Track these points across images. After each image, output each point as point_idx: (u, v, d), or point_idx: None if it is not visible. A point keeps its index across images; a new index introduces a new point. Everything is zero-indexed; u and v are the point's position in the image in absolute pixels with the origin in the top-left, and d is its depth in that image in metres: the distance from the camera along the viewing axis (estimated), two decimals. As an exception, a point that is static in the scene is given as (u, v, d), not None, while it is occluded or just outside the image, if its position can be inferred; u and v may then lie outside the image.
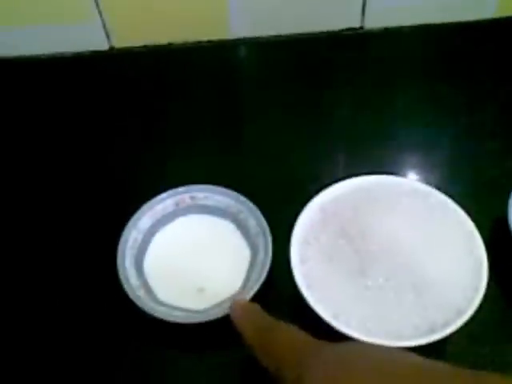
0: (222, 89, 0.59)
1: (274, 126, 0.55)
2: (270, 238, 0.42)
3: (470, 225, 0.38)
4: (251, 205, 0.44)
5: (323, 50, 0.62)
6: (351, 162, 0.53)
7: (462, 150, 0.53)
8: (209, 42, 0.63)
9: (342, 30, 0.63)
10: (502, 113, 0.55)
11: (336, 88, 0.59)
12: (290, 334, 0.30)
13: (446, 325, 0.33)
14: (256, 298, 0.39)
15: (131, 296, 0.40)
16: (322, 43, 0.63)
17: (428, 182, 0.46)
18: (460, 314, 0.34)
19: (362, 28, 0.63)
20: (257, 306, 0.34)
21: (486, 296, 0.34)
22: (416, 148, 0.53)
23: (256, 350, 0.31)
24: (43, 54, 0.62)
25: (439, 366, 0.25)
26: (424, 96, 0.58)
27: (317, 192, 0.40)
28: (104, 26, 0.60)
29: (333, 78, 0.60)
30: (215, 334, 0.40)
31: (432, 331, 0.33)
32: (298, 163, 0.52)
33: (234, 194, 0.45)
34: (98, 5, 0.58)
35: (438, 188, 0.40)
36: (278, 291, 0.42)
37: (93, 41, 0.62)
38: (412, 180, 0.47)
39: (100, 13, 0.59)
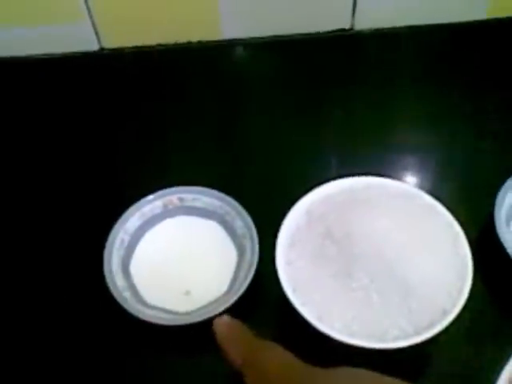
0: (212, 90, 0.59)
1: (264, 128, 0.55)
2: (256, 240, 0.42)
3: (457, 226, 0.38)
4: (238, 206, 0.44)
5: (313, 52, 0.62)
6: (342, 164, 0.53)
7: (452, 152, 0.53)
8: (199, 42, 0.63)
9: (333, 31, 0.63)
10: (492, 115, 0.55)
11: (326, 89, 0.58)
12: (280, 360, 0.29)
13: (431, 326, 0.33)
14: (242, 300, 0.39)
15: (117, 298, 0.40)
16: (312, 44, 0.63)
17: (416, 184, 0.46)
18: (445, 314, 0.34)
19: (352, 29, 0.63)
20: (239, 324, 0.32)
21: (471, 296, 0.34)
22: (405, 150, 0.53)
23: (245, 378, 0.29)
24: (33, 55, 0.62)
25: None
26: (414, 97, 0.57)
27: (305, 193, 0.40)
28: (94, 26, 0.60)
29: (323, 79, 0.60)
30: (202, 337, 0.39)
31: (417, 333, 0.33)
32: (287, 165, 0.52)
33: (222, 195, 0.45)
34: (88, 5, 0.58)
35: (426, 190, 0.40)
36: (264, 293, 0.42)
37: (83, 42, 0.61)
38: (399, 182, 0.47)
39: (90, 13, 0.59)
